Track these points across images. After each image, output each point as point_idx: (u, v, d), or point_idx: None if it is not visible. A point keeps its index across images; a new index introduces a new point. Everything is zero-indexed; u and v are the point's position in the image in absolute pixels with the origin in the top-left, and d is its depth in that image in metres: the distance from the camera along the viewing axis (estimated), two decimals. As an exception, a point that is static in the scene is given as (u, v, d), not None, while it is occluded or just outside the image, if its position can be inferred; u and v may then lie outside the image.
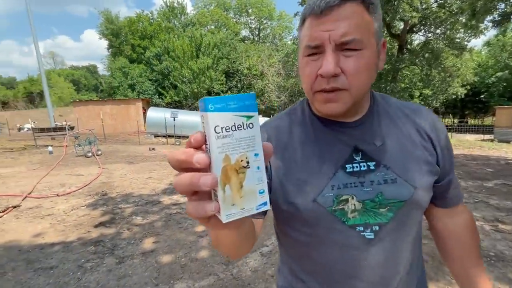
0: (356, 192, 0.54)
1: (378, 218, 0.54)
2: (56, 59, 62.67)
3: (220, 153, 0.27)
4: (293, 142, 0.59)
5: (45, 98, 19.64)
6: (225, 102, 0.27)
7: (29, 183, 5.46)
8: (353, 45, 0.48)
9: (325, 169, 0.55)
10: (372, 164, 0.55)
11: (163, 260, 2.54)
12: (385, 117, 0.59)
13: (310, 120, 0.61)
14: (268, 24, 38.16)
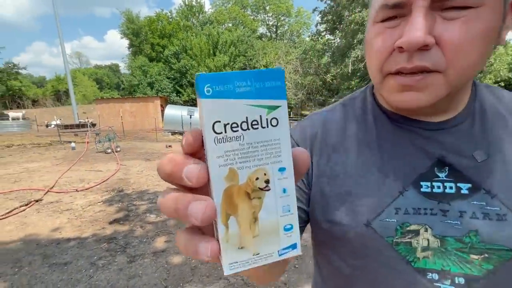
0: (432, 222, 0.38)
1: (465, 268, 0.37)
2: (81, 59, 65.82)
3: (221, 165, 0.19)
4: (346, 142, 0.45)
5: (70, 96, 20.58)
6: (232, 82, 0.19)
7: (51, 177, 5.67)
8: (461, 1, 0.31)
9: (388, 184, 0.40)
10: (466, 187, 0.37)
11: (174, 261, 2.49)
12: (494, 119, 0.40)
13: (373, 115, 0.45)
14: (286, 21, 37.73)
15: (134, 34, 34.27)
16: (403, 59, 0.34)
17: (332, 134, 0.47)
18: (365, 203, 0.41)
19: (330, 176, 0.44)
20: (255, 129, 0.19)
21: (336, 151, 0.45)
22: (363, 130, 0.45)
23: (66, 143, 11.32)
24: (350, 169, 0.43)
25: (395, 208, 0.39)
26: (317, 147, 0.46)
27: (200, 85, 0.18)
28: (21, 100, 40.63)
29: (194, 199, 0.18)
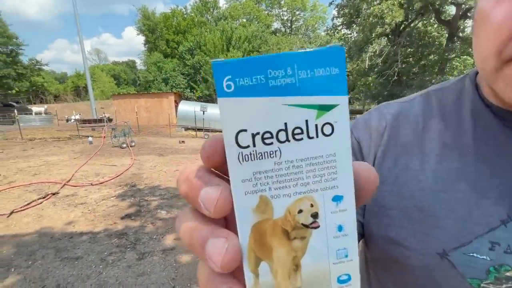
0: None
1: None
2: (100, 55, 67.77)
3: (249, 192, 0.15)
4: (424, 143, 0.35)
5: (89, 92, 21.23)
6: (264, 72, 0.14)
7: (69, 171, 5.84)
8: None
9: (485, 207, 0.30)
10: None
11: (182, 260, 2.46)
12: None
13: (473, 112, 0.34)
14: (301, 15, 37.07)
15: (150, 31, 34.81)
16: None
17: (405, 131, 0.37)
18: (444, 226, 0.30)
19: (395, 184, 0.35)
20: (298, 140, 0.14)
21: (408, 153, 0.35)
22: (453, 130, 0.34)
23: (84, 138, 11.68)
24: (427, 178, 0.33)
25: (491, 242, 0.28)
26: (382, 147, 0.37)
27: (218, 77, 0.14)
28: (43, 95, 42.53)
29: (212, 236, 0.15)
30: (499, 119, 0.32)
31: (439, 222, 0.31)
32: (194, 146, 10.58)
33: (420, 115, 0.37)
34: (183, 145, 10.57)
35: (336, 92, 0.14)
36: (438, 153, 0.34)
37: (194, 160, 7.36)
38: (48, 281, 2.15)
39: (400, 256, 0.33)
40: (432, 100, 0.38)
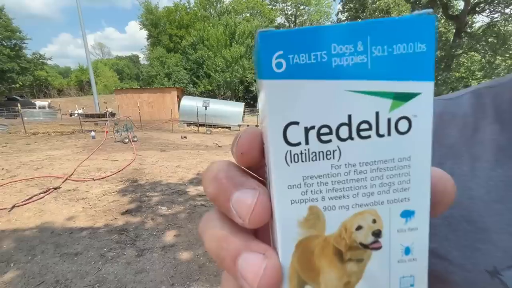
0: None
1: None
2: (103, 50, 67.75)
3: (296, 201, 0.12)
4: (474, 147, 0.31)
5: (92, 87, 21.25)
6: (326, 47, 0.11)
7: (71, 166, 5.84)
8: None
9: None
10: None
11: (182, 257, 2.44)
12: None
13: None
14: (305, 10, 36.58)
15: (153, 25, 34.63)
16: None
17: (452, 131, 0.33)
18: (496, 240, 0.27)
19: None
20: (365, 138, 0.12)
21: (455, 157, 0.31)
22: (511, 133, 0.29)
23: (86, 132, 11.72)
24: (478, 186, 0.29)
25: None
26: None
27: (266, 52, 0.11)
28: (47, 89, 42.71)
29: (247, 250, 0.12)
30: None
31: (491, 236, 0.27)
32: (196, 141, 10.56)
33: (470, 115, 0.32)
34: (185, 141, 10.56)
35: (420, 76, 0.11)
36: (492, 159, 0.29)
37: (196, 156, 7.34)
38: (47, 276, 2.14)
39: (442, 271, 0.29)
40: (484, 98, 0.33)
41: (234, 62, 27.19)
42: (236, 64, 27.28)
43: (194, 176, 5.28)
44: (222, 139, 11.68)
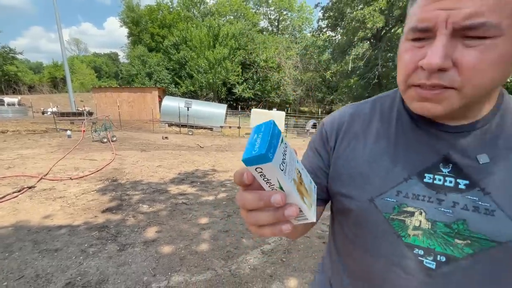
0: (428, 208, 0.44)
1: (448, 249, 0.42)
2: (80, 46, 64.80)
3: (291, 183, 0.28)
4: (367, 132, 0.52)
5: (67, 84, 20.34)
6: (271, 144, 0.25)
7: (46, 165, 5.66)
8: (482, 32, 0.34)
9: (396, 171, 0.47)
10: (464, 183, 0.43)
11: (163, 251, 2.53)
12: (510, 129, 0.44)
13: (397, 114, 0.51)
14: (288, 16, 37.35)
15: (134, 23, 33.78)
16: (424, 76, 0.39)
17: (357, 124, 0.54)
18: (372, 183, 0.48)
19: (346, 159, 0.52)
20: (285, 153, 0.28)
21: (357, 139, 0.53)
22: (386, 123, 0.51)
23: (62, 131, 11.25)
24: (365, 155, 0.50)
25: (397, 191, 0.46)
26: (341, 135, 0.55)
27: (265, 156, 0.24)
28: (17, 85, 40.05)
29: (287, 209, 0.29)
30: (412, 119, 0.49)
31: (370, 181, 0.48)
32: (177, 142, 10.50)
33: (368, 114, 0.55)
34: (166, 141, 10.46)
35: (279, 131, 0.28)
36: (374, 138, 0.51)
37: (178, 156, 7.35)
38: (27, 271, 2.16)
39: (347, 204, 0.51)
40: (378, 104, 0.55)
41: (217, 63, 27.17)
42: (219, 66, 27.27)
43: (175, 175, 5.32)
44: (204, 140, 11.68)
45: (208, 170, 5.87)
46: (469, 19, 0.34)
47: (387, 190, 0.47)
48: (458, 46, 0.36)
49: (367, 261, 0.50)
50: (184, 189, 4.46)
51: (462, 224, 0.42)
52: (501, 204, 0.40)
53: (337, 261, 0.59)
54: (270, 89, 29.01)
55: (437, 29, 0.37)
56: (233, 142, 11.31)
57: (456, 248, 0.42)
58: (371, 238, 0.48)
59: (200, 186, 4.66)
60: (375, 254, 0.48)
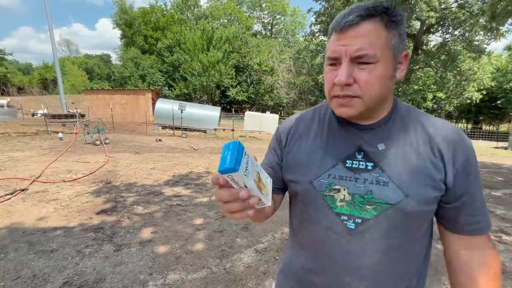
0: (349, 185, 0.60)
1: (362, 213, 0.59)
2: (71, 47, 63.86)
3: (252, 182, 0.41)
4: (308, 132, 0.69)
5: (58, 86, 20.05)
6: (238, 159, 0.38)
7: (38, 167, 5.62)
8: (366, 59, 0.53)
9: (327, 160, 0.64)
10: (370, 165, 0.60)
11: (159, 251, 2.58)
12: (398, 127, 0.62)
13: (329, 118, 0.69)
14: (281, 20, 37.75)
15: (127, 25, 33.58)
16: (338, 89, 0.57)
17: (301, 127, 0.72)
18: (311, 170, 0.65)
19: (293, 153, 0.69)
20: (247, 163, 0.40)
21: (301, 138, 0.70)
22: (321, 125, 0.69)
23: (53, 133, 11.11)
24: (306, 149, 0.68)
25: (328, 174, 0.62)
26: (290, 136, 0.72)
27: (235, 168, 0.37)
28: (5, 87, 39.17)
29: (251, 199, 0.42)
30: (337, 121, 0.66)
31: (309, 168, 0.65)
32: (171, 144, 10.50)
33: (310, 119, 0.72)
34: (160, 144, 10.45)
35: (242, 147, 0.41)
36: (313, 137, 0.68)
37: (172, 159, 7.37)
38: (23, 272, 2.18)
39: (294, 187, 0.67)
40: (317, 112, 0.73)
41: (211, 66, 27.23)
42: (213, 69, 27.33)
43: (169, 178, 5.36)
44: (197, 142, 11.70)
45: (202, 172, 5.92)
46: (357, 52, 0.53)
47: (321, 174, 0.63)
48: (355, 69, 0.54)
49: (311, 230, 0.66)
50: (179, 191, 4.50)
51: (370, 194, 0.58)
52: (392, 178, 0.57)
53: (293, 237, 0.75)
54: (264, 92, 29.20)
55: (341, 58, 0.55)
56: (227, 145, 11.36)
57: (367, 212, 0.58)
58: (312, 211, 0.64)
59: (194, 188, 4.71)
60: (316, 223, 0.64)
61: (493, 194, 5.12)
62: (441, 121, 0.62)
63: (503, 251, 2.87)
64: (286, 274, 0.76)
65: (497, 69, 23.06)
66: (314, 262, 0.66)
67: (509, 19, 7.31)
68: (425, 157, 0.57)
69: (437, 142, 0.58)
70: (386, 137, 0.60)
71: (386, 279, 0.60)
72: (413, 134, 0.60)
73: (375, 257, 0.58)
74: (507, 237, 3.21)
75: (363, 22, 0.53)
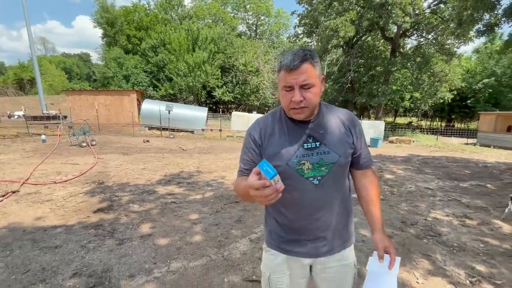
0: (309, 159, 0.97)
1: (320, 172, 0.98)
2: (47, 45, 61.13)
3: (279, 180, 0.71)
4: (274, 131, 1.03)
5: (37, 86, 19.30)
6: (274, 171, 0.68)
7: (24, 170, 5.57)
8: (308, 86, 0.90)
9: (293, 147, 0.99)
10: (317, 144, 0.99)
11: (160, 243, 2.77)
12: (325, 118, 1.03)
13: (284, 120, 1.04)
14: (266, 21, 38.13)
15: (109, 24, 32.69)
16: (295, 104, 0.91)
17: (268, 129, 1.04)
18: (284, 156, 0.98)
19: (269, 148, 1.01)
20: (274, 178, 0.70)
21: (270, 136, 1.02)
22: (281, 126, 1.03)
23: (35, 136, 10.80)
24: (277, 143, 1.01)
25: (296, 155, 0.97)
26: (262, 135, 1.04)
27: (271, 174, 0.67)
28: (-24, 87, 36.97)
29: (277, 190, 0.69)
30: (292, 122, 1.00)
31: (283, 155, 0.98)
32: (159, 145, 10.52)
33: (271, 122, 1.05)
34: (148, 144, 10.44)
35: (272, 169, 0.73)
36: (278, 134, 1.02)
37: (161, 159, 7.46)
38: (32, 266, 2.30)
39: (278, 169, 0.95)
40: (274, 116, 1.06)
41: (196, 67, 27.13)
42: (198, 69, 27.24)
43: (161, 177, 5.49)
44: (186, 143, 11.77)
45: (193, 172, 6.08)
46: (303, 82, 0.88)
47: (291, 157, 0.97)
48: (303, 91, 0.89)
49: (291, 193, 0.98)
50: (172, 190, 4.66)
51: (321, 161, 0.97)
52: (331, 148, 0.98)
53: (272, 211, 1.12)
54: (250, 92, 29.45)
55: (294, 86, 0.89)
56: (215, 145, 11.52)
57: (322, 171, 0.97)
58: (291, 181, 0.97)
59: (187, 186, 4.89)
60: (294, 187, 0.97)
61: (461, 185, 5.65)
62: (343, 110, 1.08)
63: (466, 233, 3.29)
64: (270, 241, 1.12)
65: (467, 71, 24.65)
66: (292, 213, 1.03)
67: (475, 26, 8.00)
68: (343, 132, 1.02)
69: (345, 122, 1.04)
70: (322, 126, 1.01)
71: (335, 204, 1.03)
72: (333, 120, 1.03)
73: (330, 195, 1.01)
74: (470, 221, 3.65)
75: (302, 64, 0.87)
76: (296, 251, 1.05)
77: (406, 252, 2.76)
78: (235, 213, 3.68)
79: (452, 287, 2.23)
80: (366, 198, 1.09)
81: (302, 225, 1.02)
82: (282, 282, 1.09)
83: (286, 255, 1.07)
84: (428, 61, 14.62)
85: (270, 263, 1.11)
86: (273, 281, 1.10)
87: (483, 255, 2.75)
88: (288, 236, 1.06)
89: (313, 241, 1.03)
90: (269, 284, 1.12)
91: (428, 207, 4.18)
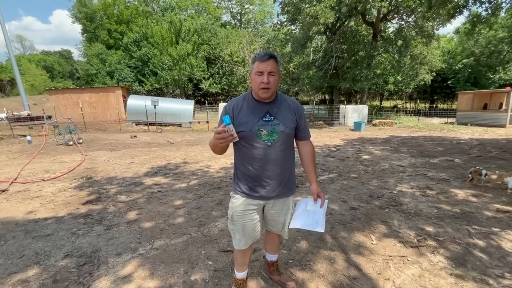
0: (265, 127, 1.45)
1: (272, 137, 1.46)
2: (24, 43, 58.75)
3: (233, 129, 1.27)
4: (243, 108, 1.47)
5: (18, 87, 18.83)
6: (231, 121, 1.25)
7: (12, 170, 5.67)
8: (272, 73, 1.38)
9: (255, 119, 1.44)
10: (272, 118, 1.46)
11: (145, 226, 3.02)
12: (279, 102, 1.51)
13: (251, 100, 1.49)
14: (250, 9, 37.60)
15: (88, 19, 31.66)
16: (263, 85, 1.39)
17: (239, 106, 1.48)
18: (249, 123, 1.45)
19: (239, 119, 1.45)
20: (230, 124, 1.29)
21: (240, 110, 1.47)
22: (248, 104, 1.48)
23: (19, 137, 10.73)
24: (244, 116, 1.46)
25: (257, 124, 1.45)
26: (235, 109, 1.47)
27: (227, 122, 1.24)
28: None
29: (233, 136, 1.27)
30: (257, 102, 1.50)
31: (248, 123, 1.46)
32: (147, 140, 10.62)
33: (241, 101, 1.52)
34: (136, 140, 10.53)
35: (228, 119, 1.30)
36: (246, 110, 1.49)
37: (149, 153, 7.62)
38: (26, 252, 2.53)
39: (242, 133, 1.44)
40: (245, 97, 1.53)
41: (181, 60, 26.79)
42: (183, 62, 26.92)
43: (148, 170, 5.69)
44: (173, 136, 11.89)
45: (179, 163, 6.30)
46: (270, 70, 1.38)
47: (253, 125, 1.43)
48: (270, 77, 1.39)
49: (250, 150, 1.47)
50: (158, 180, 4.89)
51: (274, 130, 1.46)
52: (281, 121, 1.48)
53: (238, 161, 1.58)
54: (237, 83, 29.37)
55: (264, 72, 1.37)
56: (202, 137, 11.69)
57: (274, 137, 1.47)
58: (252, 142, 1.45)
59: (173, 177, 5.12)
60: (252, 146, 1.46)
61: (431, 161, 6.07)
62: (292, 98, 1.59)
63: (424, 202, 3.66)
64: (235, 187, 1.60)
65: (448, 52, 25.18)
66: (251, 164, 1.49)
67: (446, 8, 8.27)
68: (290, 112, 1.51)
69: (291, 106, 1.54)
70: (277, 106, 1.49)
71: (283, 164, 1.52)
72: (284, 104, 1.52)
73: (279, 154, 1.49)
74: (430, 191, 4.03)
75: (270, 59, 1.36)
76: (253, 195, 1.53)
77: (367, 221, 3.09)
78: (217, 197, 3.95)
79: (401, 245, 2.58)
80: (305, 159, 1.62)
81: (258, 174, 1.49)
82: (243, 219, 1.57)
83: (245, 198, 1.54)
84: (408, 44, 14.94)
85: (233, 205, 1.59)
86: (235, 217, 1.58)
87: (434, 219, 3.12)
88: (248, 184, 1.53)
89: (265, 187, 1.51)
90: (232, 222, 1.60)
91: (396, 182, 4.55)
